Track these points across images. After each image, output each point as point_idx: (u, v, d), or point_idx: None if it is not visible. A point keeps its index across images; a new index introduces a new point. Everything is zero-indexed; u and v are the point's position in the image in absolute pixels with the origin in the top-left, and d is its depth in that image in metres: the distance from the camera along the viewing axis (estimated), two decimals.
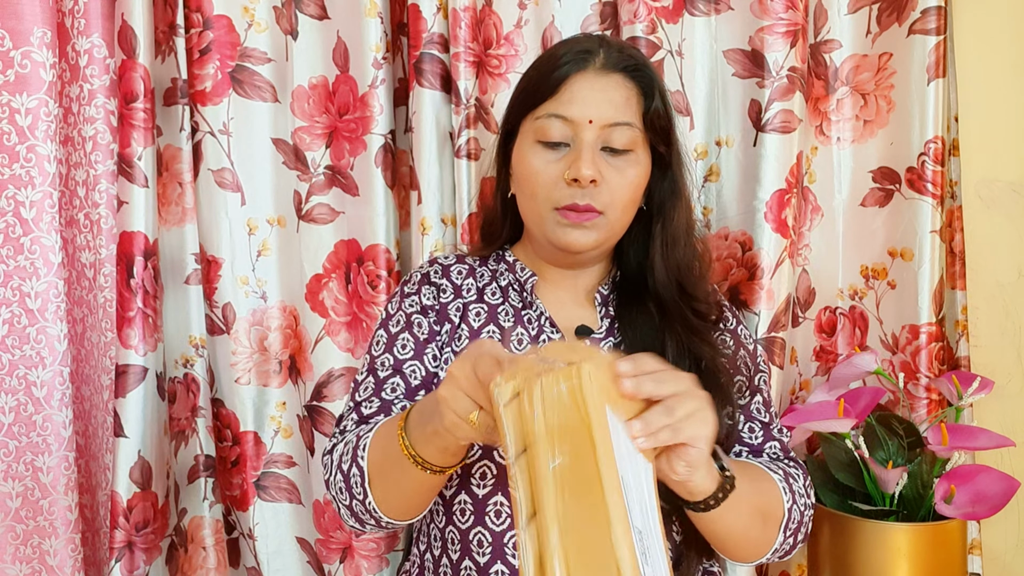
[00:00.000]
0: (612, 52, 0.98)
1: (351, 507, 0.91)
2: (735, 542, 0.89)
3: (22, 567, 1.29)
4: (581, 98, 0.96)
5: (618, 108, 0.96)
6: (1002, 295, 1.30)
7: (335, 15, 1.32)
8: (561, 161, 0.96)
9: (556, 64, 0.97)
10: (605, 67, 0.97)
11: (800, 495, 0.94)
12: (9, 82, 1.25)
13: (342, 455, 0.92)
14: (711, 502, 0.81)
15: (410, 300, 1.05)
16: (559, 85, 0.96)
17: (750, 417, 1.01)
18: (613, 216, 0.97)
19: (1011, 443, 1.11)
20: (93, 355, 1.35)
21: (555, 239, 0.98)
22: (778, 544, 0.92)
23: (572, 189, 0.95)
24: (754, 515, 0.88)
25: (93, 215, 1.30)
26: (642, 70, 0.98)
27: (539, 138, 0.97)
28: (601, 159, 0.95)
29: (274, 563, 1.35)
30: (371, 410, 0.98)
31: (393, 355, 1.01)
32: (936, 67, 1.21)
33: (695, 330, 0.98)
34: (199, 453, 1.35)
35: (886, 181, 1.27)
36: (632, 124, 0.96)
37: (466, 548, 0.95)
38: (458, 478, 0.96)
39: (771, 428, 1.02)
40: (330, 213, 1.33)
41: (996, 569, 1.29)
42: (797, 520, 0.93)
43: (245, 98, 1.33)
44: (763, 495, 0.91)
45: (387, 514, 0.90)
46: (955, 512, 1.10)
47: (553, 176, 0.96)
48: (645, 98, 0.97)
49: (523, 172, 0.99)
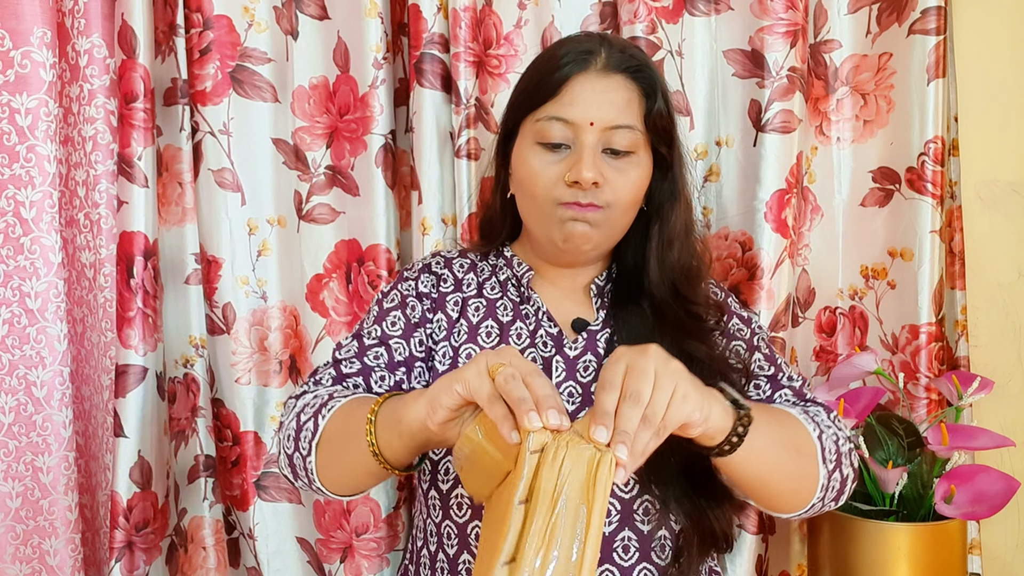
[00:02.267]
0: (614, 52, 0.97)
1: (291, 457, 0.91)
2: (777, 485, 0.87)
3: (22, 567, 1.29)
4: (582, 100, 0.95)
5: (619, 110, 0.95)
6: (1002, 295, 1.30)
7: (335, 15, 1.32)
8: (562, 163, 0.96)
9: (557, 65, 0.97)
10: (606, 68, 0.96)
11: (826, 425, 0.92)
12: (9, 82, 1.25)
13: (306, 404, 0.92)
14: (733, 439, 0.79)
15: (408, 284, 1.05)
16: (560, 86, 0.96)
17: (752, 376, 1.00)
18: (615, 215, 0.97)
19: (1011, 443, 1.11)
20: (93, 355, 1.35)
21: (557, 233, 0.97)
22: (824, 479, 0.89)
23: (573, 190, 0.95)
24: (784, 448, 0.86)
25: (93, 215, 1.30)
26: (644, 71, 0.98)
27: (539, 140, 0.97)
28: (602, 161, 0.95)
29: (274, 563, 1.35)
30: (351, 370, 0.97)
31: (382, 328, 1.01)
32: (936, 67, 1.21)
33: (688, 331, 0.98)
34: (199, 453, 1.35)
35: (886, 181, 1.27)
36: (633, 126, 0.96)
37: (463, 543, 0.95)
38: (455, 472, 0.95)
39: (779, 378, 1.01)
40: (330, 213, 1.33)
41: (996, 569, 1.30)
42: (833, 451, 0.90)
43: (245, 98, 1.33)
44: (786, 427, 0.88)
45: (321, 480, 0.89)
46: (955, 512, 1.10)
47: (553, 178, 0.96)
48: (647, 99, 0.97)
49: (523, 173, 0.99)
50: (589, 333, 1.00)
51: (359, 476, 0.88)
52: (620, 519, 0.93)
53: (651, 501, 0.94)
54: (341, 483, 0.90)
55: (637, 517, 0.94)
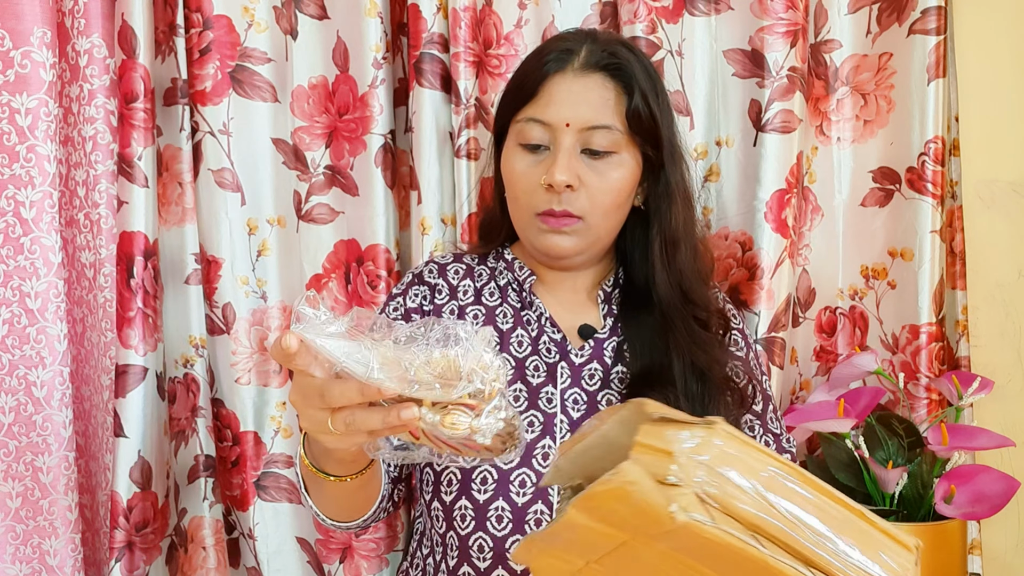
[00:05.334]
0: (595, 50, 0.96)
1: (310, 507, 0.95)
2: None
3: (22, 567, 1.29)
4: (558, 100, 0.94)
5: (596, 110, 0.94)
6: (1002, 295, 1.30)
7: (335, 15, 1.32)
8: (540, 165, 0.95)
9: (538, 64, 0.96)
10: (584, 67, 0.95)
11: None
12: (9, 82, 1.25)
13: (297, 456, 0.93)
14: None
15: (394, 303, 1.04)
16: (538, 87, 0.95)
17: (767, 429, 1.00)
18: (594, 221, 0.96)
19: (1011, 443, 1.11)
20: (93, 355, 1.35)
21: (537, 244, 0.97)
22: None
23: (549, 195, 0.94)
24: None
25: (93, 215, 1.30)
26: (624, 68, 0.96)
27: (520, 141, 0.97)
28: (580, 162, 0.94)
29: (274, 563, 1.35)
30: None
31: None
32: (936, 67, 1.21)
33: (698, 342, 0.97)
34: (199, 453, 1.35)
35: (886, 181, 1.27)
36: (611, 126, 0.94)
37: (464, 554, 0.94)
38: (459, 483, 0.94)
39: (781, 440, 1.01)
40: (330, 213, 1.33)
41: (996, 569, 1.29)
42: None
43: (245, 98, 1.33)
44: None
45: (330, 517, 0.93)
46: (955, 512, 1.10)
47: (532, 181, 0.95)
48: (627, 97, 0.95)
49: (507, 176, 0.99)
50: (596, 341, 0.99)
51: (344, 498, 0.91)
52: None
53: None
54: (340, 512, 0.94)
55: None
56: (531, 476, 0.93)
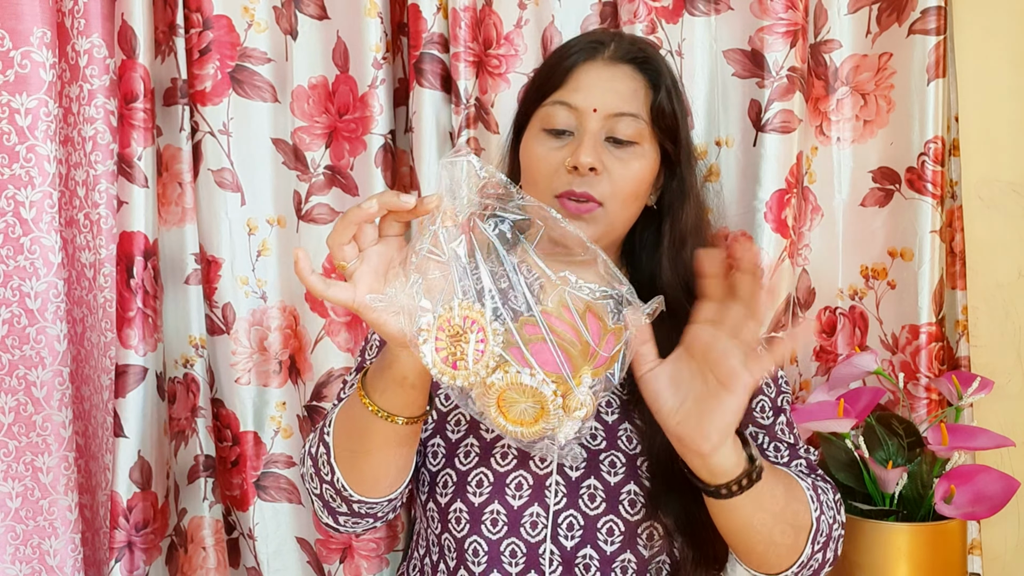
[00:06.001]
0: (623, 44, 0.98)
1: (322, 495, 0.91)
2: (757, 543, 0.85)
3: (22, 567, 1.29)
4: (587, 86, 0.95)
5: (624, 98, 0.95)
6: (1002, 295, 1.30)
7: (335, 15, 1.32)
8: (564, 149, 0.95)
9: (566, 55, 0.98)
10: (613, 58, 0.97)
11: (828, 507, 0.91)
12: (9, 82, 1.25)
13: (311, 440, 0.92)
14: (734, 487, 0.79)
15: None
16: (567, 74, 0.96)
17: (775, 437, 0.99)
18: (613, 208, 0.96)
19: (1011, 443, 1.11)
20: (93, 355, 1.35)
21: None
22: (805, 557, 0.87)
23: (571, 176, 0.94)
24: (778, 516, 0.84)
25: (93, 215, 1.30)
26: (651, 63, 0.98)
27: (544, 126, 0.97)
28: (604, 149, 0.95)
29: (274, 563, 1.35)
30: None
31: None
32: (936, 67, 1.21)
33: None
34: (199, 453, 1.35)
35: (886, 181, 1.27)
36: (638, 116, 0.95)
37: (461, 557, 0.94)
38: (454, 485, 0.94)
39: (797, 448, 1.00)
40: (330, 213, 1.33)
41: (996, 569, 1.29)
42: (826, 533, 0.89)
43: (245, 98, 1.33)
44: (790, 497, 0.86)
45: (355, 489, 0.88)
46: (955, 512, 1.10)
47: (555, 164, 0.95)
48: (653, 91, 0.97)
49: (527, 160, 0.98)
50: None
51: (388, 453, 0.86)
52: (623, 541, 0.92)
53: (656, 527, 0.93)
54: (374, 476, 0.88)
55: (640, 542, 0.93)
56: (527, 479, 0.93)
